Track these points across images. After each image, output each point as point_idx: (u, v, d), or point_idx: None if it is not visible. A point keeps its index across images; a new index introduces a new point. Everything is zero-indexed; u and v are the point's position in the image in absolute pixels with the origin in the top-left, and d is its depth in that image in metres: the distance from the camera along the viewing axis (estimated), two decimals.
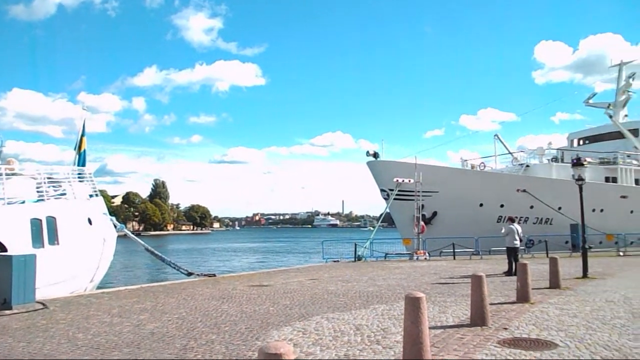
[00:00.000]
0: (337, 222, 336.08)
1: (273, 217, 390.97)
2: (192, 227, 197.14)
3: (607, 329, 8.03)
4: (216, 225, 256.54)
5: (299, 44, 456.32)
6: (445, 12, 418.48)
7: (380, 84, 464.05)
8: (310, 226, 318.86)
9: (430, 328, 7.97)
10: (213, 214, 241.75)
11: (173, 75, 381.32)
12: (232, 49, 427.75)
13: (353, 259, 25.39)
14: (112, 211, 39.91)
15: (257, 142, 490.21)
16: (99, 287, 17.93)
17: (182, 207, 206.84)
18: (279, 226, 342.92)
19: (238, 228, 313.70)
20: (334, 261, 25.56)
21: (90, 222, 17.56)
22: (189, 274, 19.64)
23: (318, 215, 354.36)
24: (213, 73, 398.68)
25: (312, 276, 17.81)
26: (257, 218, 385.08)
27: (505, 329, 8.08)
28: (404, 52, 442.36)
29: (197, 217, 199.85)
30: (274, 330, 8.36)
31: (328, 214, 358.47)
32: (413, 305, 5.85)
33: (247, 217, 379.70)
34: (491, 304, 10.16)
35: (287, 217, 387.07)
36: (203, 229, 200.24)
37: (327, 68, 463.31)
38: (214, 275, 19.33)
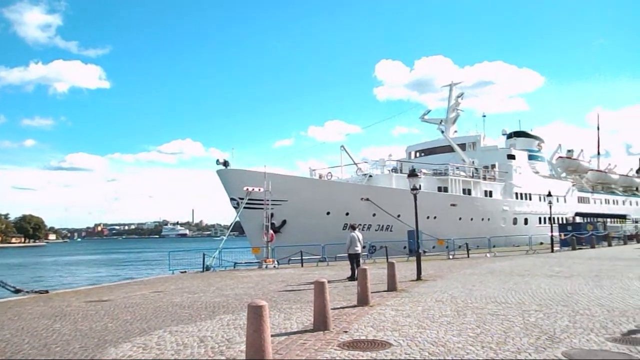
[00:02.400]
0: (187, 231, 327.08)
1: (117, 227, 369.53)
2: (23, 239, 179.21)
3: (436, 326, 8.73)
4: (52, 237, 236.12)
5: (146, 47, 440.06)
6: (292, 27, 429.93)
7: (232, 93, 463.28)
8: (158, 236, 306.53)
9: (274, 335, 8.08)
10: (49, 224, 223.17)
11: (3, 73, 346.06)
12: (72, 48, 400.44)
13: (201, 270, 24.85)
14: None
15: (100, 148, 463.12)
16: None
17: (12, 217, 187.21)
18: (124, 237, 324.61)
19: (79, 239, 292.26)
20: (182, 272, 24.81)
21: None
22: (17, 291, 17.76)
23: (166, 224, 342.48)
24: (50, 73, 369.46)
25: (157, 288, 17.11)
26: (99, 229, 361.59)
27: (346, 332, 8.42)
28: (254, 62, 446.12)
29: (30, 228, 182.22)
30: (112, 348, 7.88)
31: (177, 223, 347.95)
32: (255, 314, 5.87)
33: (88, 227, 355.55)
34: (334, 308, 10.55)
35: (132, 227, 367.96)
36: (36, 241, 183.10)
37: (176, 73, 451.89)
38: (47, 291, 17.73)
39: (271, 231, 27.82)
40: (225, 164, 30.57)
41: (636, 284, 14.36)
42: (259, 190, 28.01)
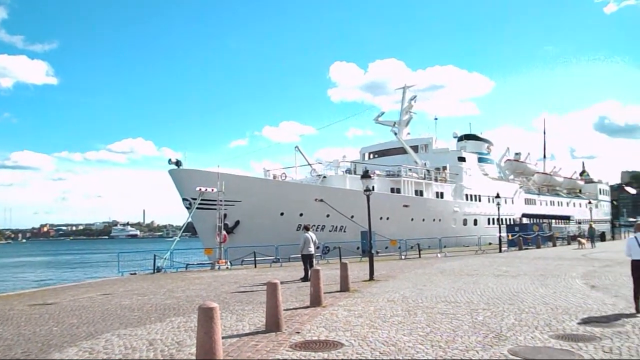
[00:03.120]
0: (138, 232, 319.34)
1: (65, 228, 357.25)
2: None
3: (387, 326, 8.83)
4: None
5: (96, 43, 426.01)
6: (248, 27, 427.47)
7: (186, 91, 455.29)
8: (107, 237, 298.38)
9: (226, 337, 8.02)
10: None
11: None
12: (17, 43, 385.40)
13: (152, 271, 24.37)
14: None
15: (46, 146, 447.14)
16: None
17: None
18: (71, 238, 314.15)
19: (23, 241, 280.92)
20: (131, 274, 24.27)
21: None
22: None
23: (116, 225, 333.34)
24: None
25: (106, 291, 16.67)
26: (45, 229, 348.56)
27: (298, 332, 8.42)
28: (209, 61, 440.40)
29: None
30: (56, 353, 7.63)
31: (127, 224, 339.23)
32: (206, 316, 5.80)
33: (33, 228, 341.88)
34: (286, 309, 10.54)
35: (81, 227, 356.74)
36: None
37: (127, 71, 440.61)
38: None
39: (224, 232, 27.57)
40: (178, 163, 30.11)
41: (578, 282, 14.92)
42: (212, 190, 27.70)
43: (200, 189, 28.16)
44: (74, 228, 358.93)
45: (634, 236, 10.17)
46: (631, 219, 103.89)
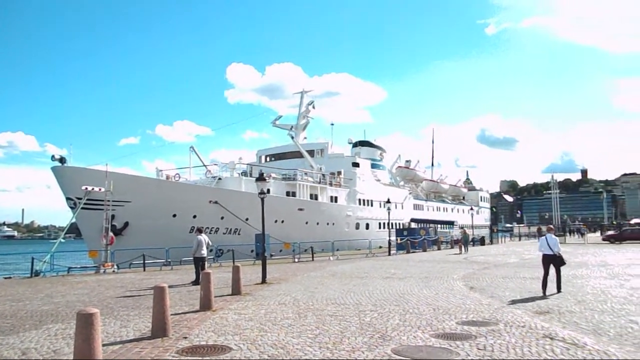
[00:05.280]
0: (15, 233, 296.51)
1: None
2: None
3: (277, 329, 8.87)
4: None
5: None
6: (144, 24, 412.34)
7: (73, 85, 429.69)
8: None
9: (108, 344, 7.68)
10: None
11: None
12: None
13: (29, 275, 22.70)
14: None
15: None
16: None
17: None
18: None
19: None
20: (6, 278, 22.47)
21: None
22: None
23: None
24: None
25: None
26: None
27: (185, 337, 8.22)
28: (98, 53, 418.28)
29: None
30: None
31: (4, 224, 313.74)
32: (85, 322, 5.51)
33: None
34: (175, 314, 10.28)
35: None
36: None
37: (7, 59, 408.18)
38: None
39: (111, 234, 26.35)
40: (62, 160, 28.36)
41: (459, 284, 15.83)
42: (99, 190, 26.39)
43: (86, 188, 26.74)
44: None
45: (545, 237, 13.65)
46: (508, 225, 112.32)
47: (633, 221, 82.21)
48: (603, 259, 24.79)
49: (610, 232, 53.64)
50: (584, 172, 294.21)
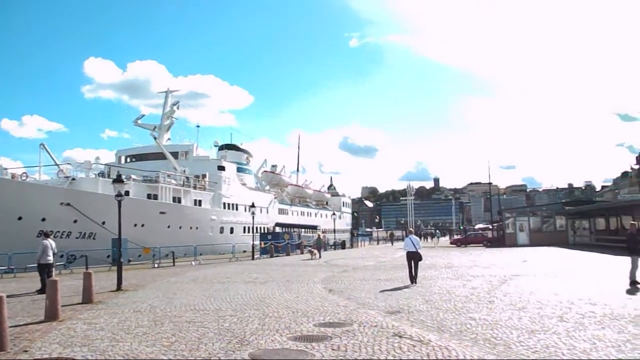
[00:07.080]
0: None
1: None
2: None
3: (130, 338, 8.46)
4: None
5: None
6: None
7: None
8: None
9: None
10: None
11: None
12: None
13: None
14: None
15: None
16: None
17: None
18: None
19: None
20: None
21: None
22: None
23: None
24: None
25: None
26: None
27: (26, 351, 7.57)
28: None
29: None
30: None
31: None
32: None
33: None
34: (15, 326, 9.47)
35: None
36: None
37: None
38: None
39: None
40: None
41: (319, 287, 16.24)
42: None
43: None
44: None
45: (409, 237, 17.28)
46: (368, 229, 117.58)
47: (477, 226, 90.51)
48: (450, 261, 26.77)
49: (457, 237, 58.45)
50: (437, 181, 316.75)
